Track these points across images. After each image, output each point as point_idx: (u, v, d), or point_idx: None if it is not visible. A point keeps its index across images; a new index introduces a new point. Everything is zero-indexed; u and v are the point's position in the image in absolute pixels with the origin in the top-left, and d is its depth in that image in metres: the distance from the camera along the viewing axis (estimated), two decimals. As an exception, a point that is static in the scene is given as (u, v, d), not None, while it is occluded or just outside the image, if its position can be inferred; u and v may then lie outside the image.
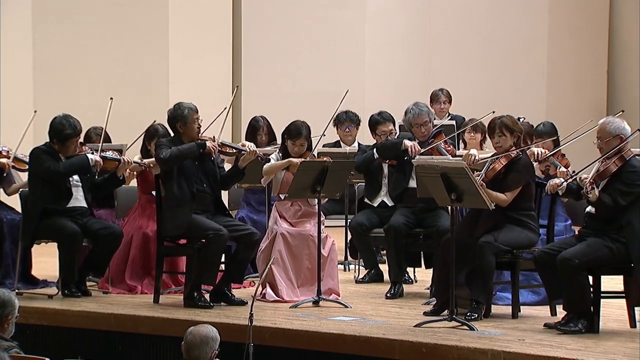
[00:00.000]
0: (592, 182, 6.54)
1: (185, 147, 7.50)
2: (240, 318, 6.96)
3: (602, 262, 6.62)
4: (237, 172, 7.78)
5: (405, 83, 12.79)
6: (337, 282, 7.86)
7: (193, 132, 7.63)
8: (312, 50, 12.76)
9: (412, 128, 8.23)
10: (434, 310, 7.09)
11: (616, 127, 6.68)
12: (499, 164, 7.11)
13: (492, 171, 7.11)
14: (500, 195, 7.06)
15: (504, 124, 7.17)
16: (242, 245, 7.61)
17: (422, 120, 8.17)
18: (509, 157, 7.12)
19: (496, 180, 7.11)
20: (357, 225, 8.46)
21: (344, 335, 6.66)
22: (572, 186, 6.82)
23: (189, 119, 7.61)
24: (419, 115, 8.17)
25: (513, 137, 7.18)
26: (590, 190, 6.53)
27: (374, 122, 8.74)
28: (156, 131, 8.31)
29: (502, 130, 7.16)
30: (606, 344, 6.27)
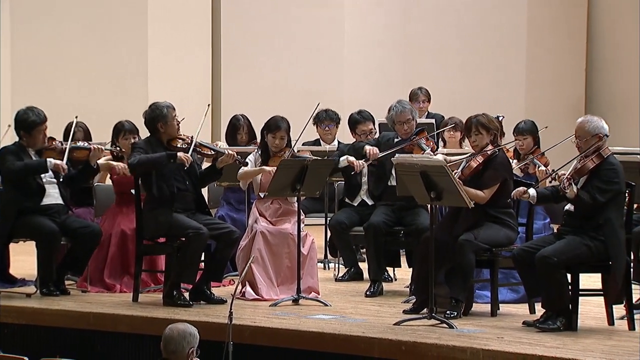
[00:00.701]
0: (569, 179, 6.56)
1: (155, 157, 7.46)
2: (220, 316, 6.95)
3: (580, 260, 6.65)
4: (214, 172, 7.77)
5: (384, 82, 12.80)
6: (317, 280, 7.87)
7: (173, 129, 7.62)
8: (291, 49, 12.75)
9: (395, 125, 8.24)
10: (414, 309, 7.11)
11: (595, 126, 6.71)
12: (476, 162, 7.14)
13: (468, 169, 7.13)
14: (479, 193, 7.08)
15: (480, 123, 7.19)
16: (222, 243, 7.61)
17: (405, 118, 8.19)
18: (485, 155, 7.15)
19: (473, 177, 7.13)
20: (336, 223, 8.47)
21: (324, 334, 6.66)
22: (544, 192, 6.84)
23: (169, 117, 7.61)
24: (402, 112, 8.19)
25: (489, 135, 7.21)
26: (568, 186, 6.56)
27: (353, 121, 8.76)
28: (122, 126, 8.32)
29: (478, 129, 7.19)
30: (584, 342, 6.30)
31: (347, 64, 12.91)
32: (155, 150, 7.57)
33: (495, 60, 13.31)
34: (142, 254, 7.75)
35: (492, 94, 13.00)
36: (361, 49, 13.01)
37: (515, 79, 13.32)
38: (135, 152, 7.56)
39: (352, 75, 12.90)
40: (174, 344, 5.40)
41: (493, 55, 13.30)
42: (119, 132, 8.32)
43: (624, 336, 6.50)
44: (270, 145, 7.91)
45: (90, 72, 11.88)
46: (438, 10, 13.32)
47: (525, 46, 13.33)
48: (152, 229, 7.59)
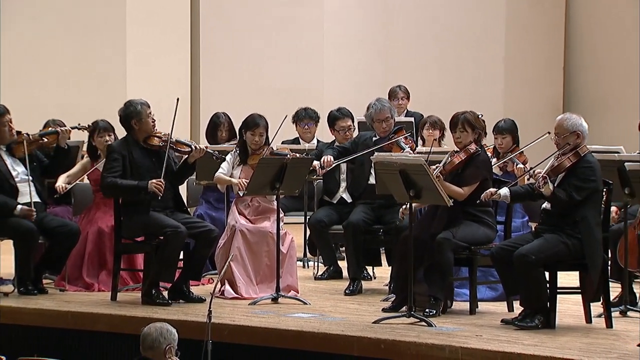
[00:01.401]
0: (544, 177, 6.58)
1: (126, 187, 7.40)
2: (199, 315, 6.94)
3: (558, 258, 6.67)
4: (187, 168, 7.73)
5: (363, 80, 12.81)
6: (296, 278, 7.87)
7: (148, 127, 7.59)
8: (271, 48, 12.74)
9: (374, 123, 8.25)
10: (393, 307, 7.12)
11: (573, 123, 6.74)
12: (458, 158, 7.15)
13: (450, 164, 7.15)
14: (458, 189, 7.10)
15: (466, 120, 7.20)
16: (200, 242, 7.59)
17: (384, 116, 8.21)
18: (468, 152, 7.16)
19: (454, 174, 7.14)
20: (316, 222, 8.48)
21: (303, 332, 6.66)
22: (519, 190, 6.86)
23: (143, 114, 7.58)
24: (381, 110, 8.20)
25: (474, 134, 7.22)
26: (543, 184, 6.58)
27: (332, 118, 8.78)
28: (97, 124, 8.30)
29: (464, 126, 7.19)
30: (562, 339, 6.33)
31: (327, 63, 12.92)
32: (131, 150, 7.55)
33: (474, 59, 13.35)
34: (121, 253, 7.73)
35: (471, 92, 13.04)
36: (341, 48, 13.02)
37: (494, 77, 13.36)
38: (109, 164, 7.51)
39: (331, 74, 12.90)
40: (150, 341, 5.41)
41: (472, 54, 13.34)
42: (94, 130, 8.30)
43: (601, 334, 6.53)
44: (249, 142, 7.91)
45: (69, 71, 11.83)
46: (417, 9, 13.35)
47: (503, 45, 13.37)
48: (130, 228, 7.57)
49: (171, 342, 5.43)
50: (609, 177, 6.88)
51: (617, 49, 13.16)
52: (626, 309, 7.07)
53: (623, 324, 6.81)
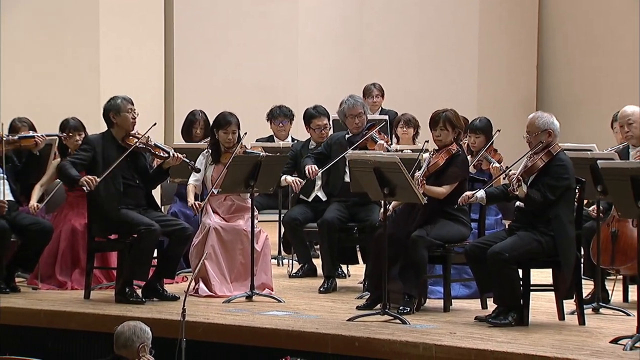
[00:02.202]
0: (519, 179, 6.60)
1: (66, 174, 7.43)
2: (173, 313, 6.92)
3: (531, 256, 6.70)
4: (161, 173, 7.73)
5: (338, 78, 12.82)
6: (271, 276, 7.86)
7: (127, 122, 7.57)
8: (246, 45, 12.71)
9: (346, 119, 8.26)
10: (367, 304, 7.13)
11: (545, 121, 6.77)
12: (441, 159, 7.16)
13: (434, 166, 7.15)
14: (439, 189, 7.11)
15: (448, 119, 7.20)
16: (175, 240, 7.57)
17: (357, 112, 8.21)
18: (450, 153, 7.17)
19: (435, 174, 7.15)
20: (290, 219, 8.47)
21: (277, 330, 6.66)
22: (494, 192, 6.89)
23: (122, 108, 7.57)
24: (354, 106, 8.21)
25: (454, 133, 7.23)
26: (517, 187, 6.60)
27: (308, 116, 8.77)
28: (67, 123, 8.25)
29: (445, 125, 7.20)
30: (535, 336, 6.36)
31: (302, 60, 12.91)
32: (106, 146, 7.52)
33: (448, 56, 13.38)
34: (94, 251, 7.69)
35: (445, 90, 13.08)
36: (316, 46, 13.01)
37: (468, 75, 13.40)
38: (76, 151, 7.60)
39: (306, 72, 12.90)
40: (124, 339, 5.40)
41: (446, 51, 13.38)
42: (64, 129, 8.25)
43: (574, 331, 6.57)
44: (222, 141, 7.89)
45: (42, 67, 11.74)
46: (392, 7, 13.37)
47: (477, 43, 13.42)
48: (103, 226, 7.54)
49: (145, 341, 5.42)
50: (581, 174, 6.92)
51: (590, 48, 13.24)
52: (598, 306, 7.12)
53: (595, 320, 6.86)
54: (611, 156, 7.39)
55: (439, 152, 7.20)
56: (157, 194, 8.38)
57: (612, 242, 7.25)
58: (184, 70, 12.51)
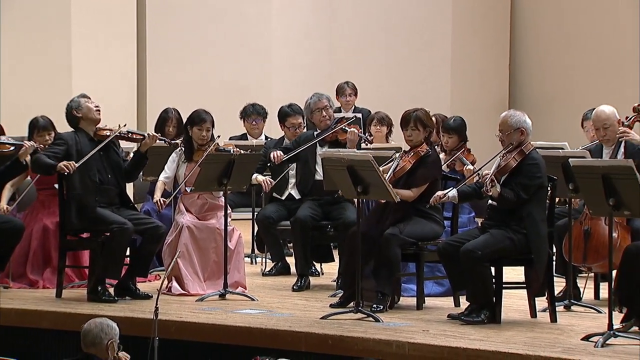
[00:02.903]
0: (492, 180, 6.62)
1: (43, 163, 7.41)
2: (146, 312, 6.89)
3: (504, 254, 6.73)
4: (140, 158, 7.69)
5: (311, 77, 12.81)
6: (244, 275, 7.85)
7: (90, 111, 7.56)
8: (219, 43, 12.68)
9: (313, 114, 8.26)
10: (340, 302, 7.14)
11: (517, 120, 6.80)
12: (408, 163, 7.16)
13: (400, 170, 7.15)
14: (406, 192, 7.11)
15: (419, 118, 7.20)
16: (148, 238, 7.55)
17: (322, 105, 8.22)
18: (418, 155, 7.18)
19: (405, 175, 7.15)
20: (264, 218, 8.46)
21: (251, 328, 6.66)
22: (466, 190, 6.91)
23: (81, 102, 7.58)
24: (319, 99, 8.24)
25: (425, 132, 7.24)
26: (491, 188, 6.61)
27: (283, 114, 8.77)
28: (37, 122, 8.19)
29: (416, 124, 7.20)
30: (507, 334, 6.39)
31: (275, 59, 12.90)
32: (79, 141, 7.51)
33: (421, 56, 13.42)
34: (66, 249, 7.65)
35: (418, 89, 13.11)
36: (289, 44, 13.01)
37: (441, 74, 13.45)
38: (49, 146, 7.58)
39: (280, 70, 12.89)
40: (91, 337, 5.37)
41: (419, 51, 13.41)
42: (34, 129, 8.18)
43: (546, 328, 6.61)
44: (195, 138, 7.87)
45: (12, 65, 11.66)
46: (365, 5, 13.38)
47: (450, 42, 13.46)
48: (75, 222, 7.50)
49: (113, 337, 5.39)
50: (553, 173, 6.96)
51: (562, 47, 13.33)
52: (570, 303, 7.17)
53: (567, 318, 6.90)
54: (583, 154, 7.43)
55: (408, 154, 7.19)
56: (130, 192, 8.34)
57: (584, 240, 7.29)
58: (156, 68, 12.46)
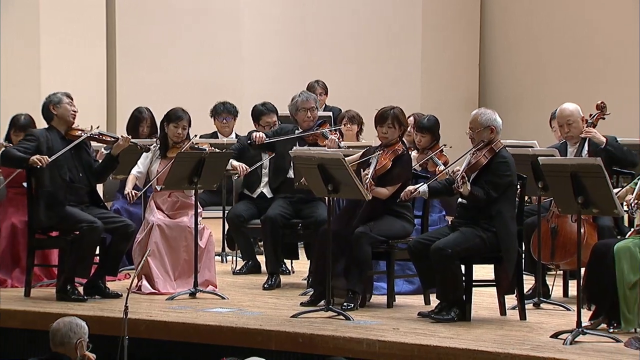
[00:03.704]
0: (463, 177, 6.65)
1: (15, 156, 7.36)
2: (115, 311, 6.86)
3: (474, 252, 6.76)
4: (111, 161, 7.67)
5: (282, 75, 12.81)
6: (214, 273, 7.83)
7: (67, 113, 7.52)
8: (189, 41, 12.63)
9: (298, 113, 8.23)
10: (311, 301, 7.14)
11: (487, 118, 6.83)
12: (388, 160, 7.17)
13: (382, 168, 7.16)
14: (383, 190, 7.13)
15: (396, 116, 7.20)
16: (117, 237, 7.51)
17: (310, 105, 8.21)
18: (396, 153, 7.20)
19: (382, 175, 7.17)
20: (234, 216, 8.45)
21: (221, 327, 6.64)
22: (436, 186, 6.93)
23: (62, 100, 7.54)
24: (307, 99, 8.23)
25: (400, 130, 7.26)
26: (462, 184, 6.64)
27: (257, 113, 8.78)
28: (17, 121, 8.15)
29: (393, 122, 7.20)
30: (477, 332, 6.42)
31: (245, 57, 12.87)
32: (50, 138, 7.47)
33: (392, 54, 13.45)
34: (35, 248, 7.60)
35: (389, 87, 13.13)
36: (259, 42, 12.98)
37: (411, 73, 13.48)
38: (21, 141, 7.52)
39: (250, 68, 12.86)
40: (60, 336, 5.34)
41: (389, 49, 13.44)
42: (12, 127, 8.15)
43: (515, 326, 6.65)
44: (171, 135, 7.85)
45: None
46: (335, 4, 13.39)
47: (420, 40, 13.50)
48: (44, 220, 7.45)
49: (82, 336, 5.37)
50: (522, 171, 6.99)
51: (531, 46, 13.40)
52: (539, 301, 7.21)
53: (536, 315, 6.94)
54: (552, 153, 7.48)
55: (385, 152, 7.20)
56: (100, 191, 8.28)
57: (551, 237, 7.34)
58: (126, 67, 12.40)
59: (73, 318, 5.44)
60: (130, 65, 12.42)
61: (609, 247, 6.38)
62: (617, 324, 6.32)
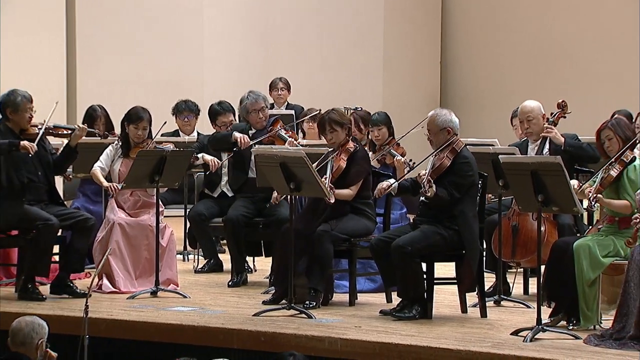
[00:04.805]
0: (429, 181, 6.65)
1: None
2: (75, 310, 6.81)
3: (435, 250, 6.79)
4: (70, 152, 7.60)
5: (245, 73, 12.78)
6: (176, 272, 7.81)
7: (23, 120, 7.43)
8: (149, 39, 12.56)
9: (249, 115, 8.23)
10: (273, 299, 7.13)
11: (444, 120, 6.84)
12: (342, 162, 7.18)
13: (338, 170, 7.17)
14: (346, 192, 7.13)
15: (332, 120, 7.23)
16: (77, 232, 7.46)
17: (259, 106, 8.20)
18: (348, 152, 7.21)
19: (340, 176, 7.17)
20: (196, 215, 8.43)
21: (183, 326, 6.62)
22: (405, 184, 6.96)
23: (21, 107, 7.42)
24: (256, 101, 8.21)
25: (344, 130, 7.27)
26: (429, 188, 6.64)
27: (214, 113, 8.75)
28: None
29: (332, 126, 7.23)
30: (438, 329, 6.45)
31: (208, 55, 12.83)
32: (3, 136, 7.38)
33: (354, 53, 13.47)
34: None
35: (351, 86, 13.16)
36: (221, 40, 12.95)
37: (373, 71, 13.52)
38: None
39: (212, 67, 12.83)
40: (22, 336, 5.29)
41: (352, 48, 13.46)
42: None
43: (476, 323, 6.68)
44: (132, 136, 7.81)
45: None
46: (298, 2, 13.38)
47: (382, 39, 13.54)
48: (2, 222, 7.38)
49: (43, 336, 5.33)
50: (483, 169, 7.03)
51: (492, 44, 13.49)
52: (500, 298, 7.26)
53: (497, 313, 6.98)
54: (512, 151, 7.54)
55: (338, 154, 7.21)
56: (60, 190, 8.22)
57: (512, 235, 7.39)
58: (86, 63, 12.30)
59: (35, 318, 5.39)
60: (91, 62, 12.33)
61: (569, 245, 6.44)
62: (576, 321, 6.38)
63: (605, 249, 6.38)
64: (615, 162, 6.40)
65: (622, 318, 6.04)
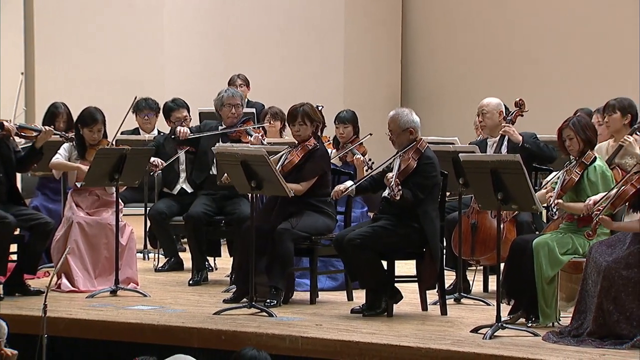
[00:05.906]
0: (397, 184, 6.65)
1: None
2: (34, 309, 6.75)
3: (394, 247, 6.80)
4: (34, 153, 7.58)
5: (205, 71, 12.74)
6: (136, 271, 7.77)
7: None
8: (110, 36, 12.48)
9: (223, 108, 8.17)
10: (234, 298, 7.12)
11: (405, 120, 6.85)
12: (296, 156, 7.17)
13: (289, 164, 7.16)
14: (295, 186, 7.12)
15: (305, 113, 7.22)
16: (36, 234, 7.40)
17: (235, 102, 8.16)
18: (306, 149, 7.20)
19: (293, 170, 7.17)
20: (156, 213, 8.39)
21: (142, 325, 6.59)
22: (363, 184, 6.97)
23: None
24: (233, 95, 8.20)
25: (312, 126, 7.27)
26: (398, 191, 6.64)
27: (167, 110, 8.78)
28: None
29: (303, 119, 7.22)
30: (399, 327, 6.47)
31: (168, 53, 12.77)
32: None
33: (315, 50, 13.47)
34: (-50, 247, 7.44)
35: (312, 84, 13.16)
36: (181, 38, 12.89)
37: (334, 69, 13.52)
38: None
39: (172, 65, 12.76)
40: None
41: (312, 45, 13.46)
42: None
43: (436, 321, 6.71)
44: (87, 139, 7.76)
45: None
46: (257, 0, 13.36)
47: (343, 37, 13.55)
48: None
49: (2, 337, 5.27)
50: (444, 167, 7.06)
51: (453, 43, 13.55)
52: (460, 296, 7.29)
53: (457, 310, 7.02)
54: (472, 149, 7.57)
55: (296, 149, 7.21)
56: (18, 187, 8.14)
57: (472, 233, 7.44)
58: (45, 61, 12.18)
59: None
60: (50, 60, 12.21)
61: (528, 242, 6.48)
62: (535, 318, 6.42)
63: (564, 246, 6.43)
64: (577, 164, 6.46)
65: (580, 315, 6.09)
